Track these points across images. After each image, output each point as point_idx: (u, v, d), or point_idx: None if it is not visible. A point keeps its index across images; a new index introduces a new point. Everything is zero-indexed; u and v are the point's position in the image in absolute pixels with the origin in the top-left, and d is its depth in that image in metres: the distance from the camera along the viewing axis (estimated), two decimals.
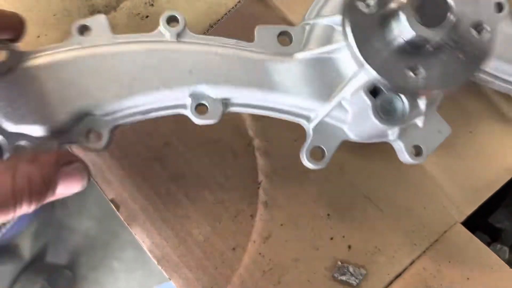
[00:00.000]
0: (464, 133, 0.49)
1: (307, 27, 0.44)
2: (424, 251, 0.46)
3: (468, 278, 0.45)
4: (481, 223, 0.61)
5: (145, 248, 0.45)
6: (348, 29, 0.37)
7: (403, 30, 0.35)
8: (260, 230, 0.46)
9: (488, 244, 0.59)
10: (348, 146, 0.47)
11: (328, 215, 0.46)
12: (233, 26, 0.49)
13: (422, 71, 0.36)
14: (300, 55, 0.42)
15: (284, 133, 0.47)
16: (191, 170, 0.46)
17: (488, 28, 0.37)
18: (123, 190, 0.46)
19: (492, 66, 0.45)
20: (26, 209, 0.31)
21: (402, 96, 0.40)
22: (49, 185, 0.32)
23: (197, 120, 0.41)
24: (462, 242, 0.46)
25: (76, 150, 0.45)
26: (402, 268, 0.46)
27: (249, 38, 0.43)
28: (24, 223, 1.30)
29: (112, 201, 0.45)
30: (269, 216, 0.46)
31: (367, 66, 0.36)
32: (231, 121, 0.46)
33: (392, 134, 0.43)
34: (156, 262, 0.45)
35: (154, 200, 0.46)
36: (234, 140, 0.47)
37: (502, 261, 0.46)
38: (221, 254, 0.45)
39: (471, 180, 0.48)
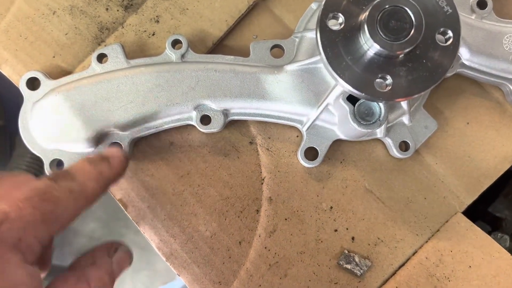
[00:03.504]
0: (462, 124, 0.50)
1: (297, 40, 0.46)
2: (426, 241, 0.47)
3: (470, 266, 0.46)
4: (481, 212, 0.62)
5: (153, 246, 0.46)
6: (320, 47, 0.38)
7: (370, 44, 0.37)
8: (265, 224, 0.47)
9: (489, 233, 0.60)
10: (349, 141, 0.48)
11: (331, 208, 0.47)
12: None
13: (390, 81, 0.38)
14: (289, 67, 0.45)
15: (285, 129, 0.48)
16: (196, 168, 0.47)
17: (453, 36, 0.38)
18: (131, 190, 0.47)
19: (476, 61, 0.46)
20: None
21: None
22: (114, 277, 0.36)
23: (203, 130, 0.45)
24: (463, 231, 0.47)
25: None
26: (405, 258, 0.47)
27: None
28: None
29: (120, 201, 0.46)
30: (273, 211, 0.47)
31: (340, 80, 0.38)
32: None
33: (380, 132, 0.45)
34: (164, 259, 0.46)
35: (161, 199, 0.47)
36: (237, 138, 0.48)
37: (503, 249, 0.47)
38: (227, 249, 0.46)
39: (470, 170, 0.49)
